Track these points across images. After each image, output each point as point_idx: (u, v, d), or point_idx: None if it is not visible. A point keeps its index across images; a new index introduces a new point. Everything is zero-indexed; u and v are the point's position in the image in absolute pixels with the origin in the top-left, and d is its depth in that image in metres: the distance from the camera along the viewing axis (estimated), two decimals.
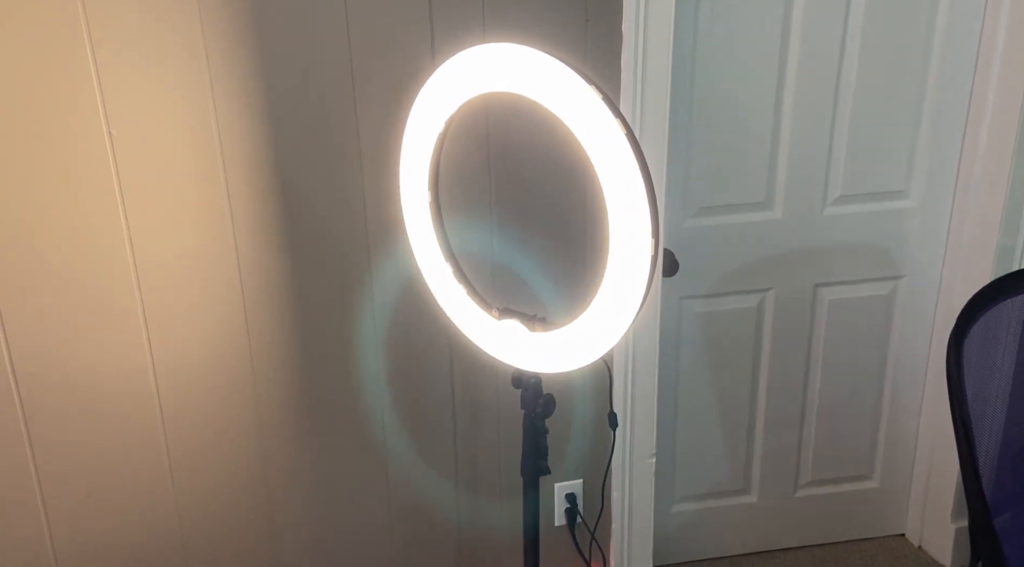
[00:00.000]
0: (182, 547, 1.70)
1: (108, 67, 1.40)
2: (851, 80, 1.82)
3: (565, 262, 1.70)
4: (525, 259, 1.69)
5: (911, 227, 1.98)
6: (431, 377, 1.73)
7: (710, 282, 1.95)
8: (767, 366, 2.05)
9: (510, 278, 1.69)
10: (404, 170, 1.27)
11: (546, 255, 1.70)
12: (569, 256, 1.70)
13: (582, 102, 0.99)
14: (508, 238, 1.67)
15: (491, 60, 1.07)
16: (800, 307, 2.01)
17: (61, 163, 1.43)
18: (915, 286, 2.03)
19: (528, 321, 1.20)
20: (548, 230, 1.69)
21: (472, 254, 1.65)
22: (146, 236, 1.50)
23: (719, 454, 2.12)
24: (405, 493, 1.80)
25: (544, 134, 1.56)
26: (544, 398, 1.28)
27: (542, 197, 1.66)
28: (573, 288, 1.67)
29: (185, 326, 1.57)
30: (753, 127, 1.83)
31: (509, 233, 1.67)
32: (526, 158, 1.62)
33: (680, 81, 1.73)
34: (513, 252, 1.68)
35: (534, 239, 1.69)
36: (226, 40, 1.43)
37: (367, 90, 1.52)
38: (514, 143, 1.61)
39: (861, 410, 2.14)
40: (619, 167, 0.99)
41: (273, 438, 1.69)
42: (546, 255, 1.70)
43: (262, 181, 1.52)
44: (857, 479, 2.22)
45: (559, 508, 1.90)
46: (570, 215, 1.68)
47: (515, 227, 1.67)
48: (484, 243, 1.66)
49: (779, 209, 1.91)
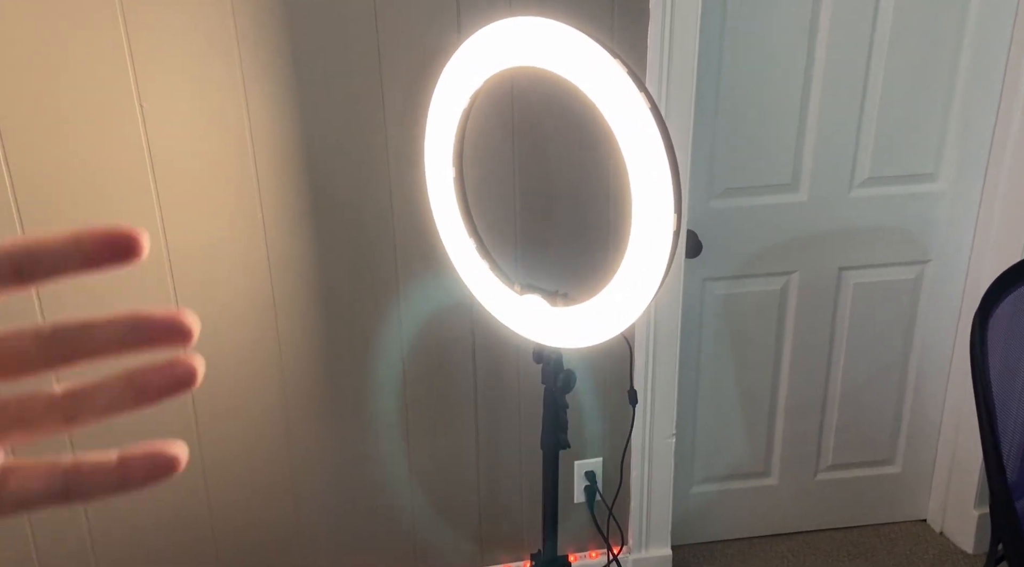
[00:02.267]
0: (209, 514, 1.75)
1: (140, 40, 1.42)
2: (881, 61, 1.80)
3: (587, 238, 1.71)
4: (548, 235, 1.70)
5: (939, 211, 1.95)
6: (453, 353, 1.75)
7: (734, 264, 1.94)
8: (790, 349, 2.05)
9: (533, 254, 1.70)
10: (429, 145, 1.28)
11: (569, 231, 1.70)
12: (592, 232, 1.71)
13: (607, 76, 0.99)
14: (531, 214, 1.68)
15: (516, 34, 1.07)
16: (824, 290, 2.00)
17: (94, 137, 1.46)
18: (942, 271, 2.01)
19: (550, 296, 1.21)
20: (571, 206, 1.69)
21: (496, 230, 1.66)
22: (177, 218, 1.53)
23: (740, 436, 2.12)
24: (426, 468, 1.83)
25: (568, 109, 1.56)
26: (565, 373, 1.29)
27: (566, 173, 1.66)
28: (595, 264, 1.68)
29: (214, 308, 1.60)
30: (780, 108, 1.82)
31: (532, 209, 1.68)
32: (550, 134, 1.62)
33: (707, 60, 1.72)
34: (536, 228, 1.69)
35: (557, 215, 1.69)
36: (255, 18, 1.44)
37: (393, 66, 1.53)
38: (538, 118, 1.61)
39: (884, 395, 2.13)
40: (643, 142, 0.99)
41: (297, 411, 1.72)
42: (569, 231, 1.70)
43: (289, 159, 1.54)
44: (879, 464, 2.21)
45: (578, 485, 1.91)
46: (594, 191, 1.69)
47: (539, 203, 1.68)
48: (508, 219, 1.67)
49: (805, 191, 1.90)
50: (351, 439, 1.77)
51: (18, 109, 1.42)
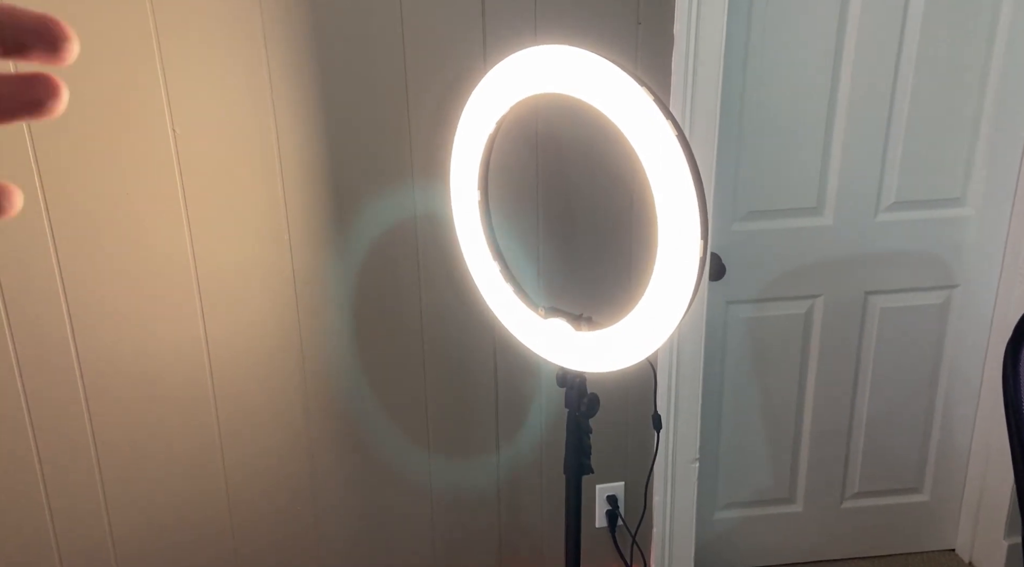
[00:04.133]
0: (228, 514, 1.75)
1: (173, 66, 1.45)
2: (908, 83, 1.79)
3: (610, 263, 1.71)
4: (572, 260, 1.70)
5: (967, 236, 1.93)
6: (475, 374, 1.75)
7: (758, 287, 1.93)
8: (815, 374, 2.02)
9: (556, 278, 1.70)
10: (455, 169, 1.29)
11: (592, 256, 1.70)
12: (615, 258, 1.71)
13: (633, 103, 1.00)
14: (555, 239, 1.68)
15: (542, 62, 1.08)
16: (850, 315, 1.98)
17: (127, 160, 1.49)
18: (970, 296, 1.99)
19: (574, 320, 1.20)
20: (595, 231, 1.69)
21: (519, 254, 1.67)
22: (205, 235, 1.55)
23: (764, 461, 2.09)
24: (446, 489, 1.82)
25: (592, 135, 1.57)
26: (589, 397, 1.28)
27: (589, 198, 1.67)
28: (618, 289, 1.68)
29: (240, 321, 1.62)
30: (805, 131, 1.82)
31: (556, 234, 1.68)
32: (575, 159, 1.63)
33: (731, 84, 1.73)
34: (560, 253, 1.69)
35: (581, 240, 1.69)
36: (285, 44, 1.47)
37: (419, 89, 1.54)
38: (563, 144, 1.62)
39: (912, 422, 2.10)
40: (669, 168, 1.00)
41: (318, 432, 1.72)
42: (592, 256, 1.70)
43: (316, 181, 1.56)
44: (906, 492, 2.17)
45: (600, 509, 1.90)
46: (617, 217, 1.69)
47: (562, 227, 1.68)
48: (531, 243, 1.67)
49: (830, 215, 1.89)
50: (372, 459, 1.77)
51: (54, 140, 1.45)
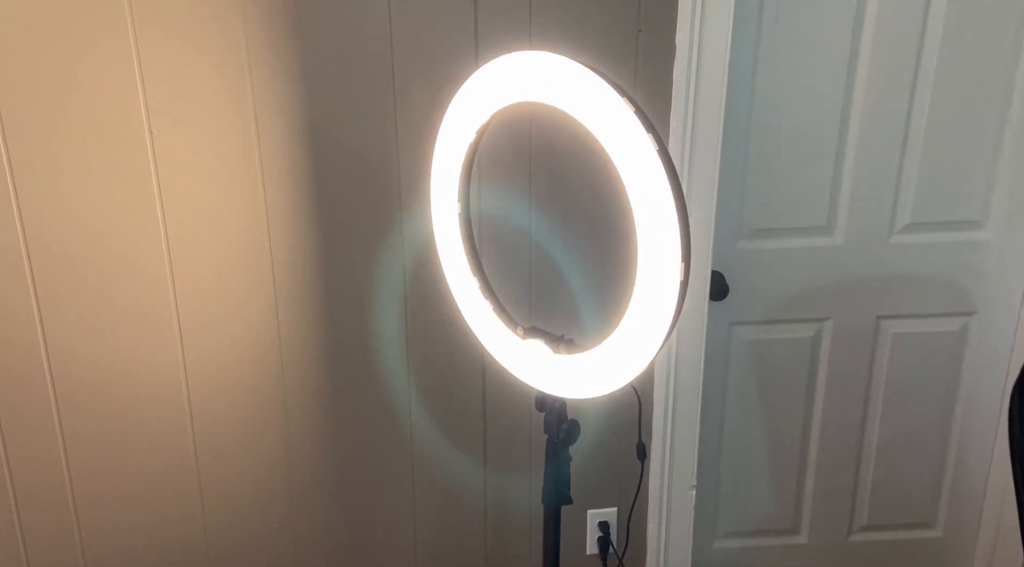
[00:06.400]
0: (203, 534, 1.70)
1: (150, 65, 1.41)
2: (926, 99, 1.71)
3: (605, 282, 1.64)
4: (566, 277, 1.64)
5: (987, 260, 1.84)
6: (463, 397, 1.69)
7: (763, 308, 1.85)
8: (822, 400, 1.93)
9: (550, 296, 1.63)
10: (435, 180, 1.23)
11: (587, 275, 1.64)
12: (609, 276, 1.64)
13: (613, 114, 0.93)
14: (548, 255, 1.62)
15: (520, 69, 1.02)
16: (860, 340, 1.89)
17: (103, 161, 1.45)
18: (989, 324, 1.89)
19: (553, 342, 1.14)
20: (589, 248, 1.62)
21: (512, 269, 1.61)
22: (182, 233, 1.51)
23: (767, 490, 2.01)
24: (431, 514, 1.76)
25: (586, 146, 1.50)
26: (568, 424, 1.21)
27: (586, 214, 1.60)
28: (612, 309, 1.61)
29: (217, 329, 1.57)
30: (816, 147, 1.73)
31: (549, 249, 1.62)
32: (569, 172, 1.56)
33: (738, 96, 1.65)
34: (553, 269, 1.63)
35: (575, 257, 1.63)
36: (268, 44, 1.43)
37: (408, 101, 1.49)
38: (558, 155, 1.55)
39: (925, 453, 2.00)
40: (650, 185, 0.93)
41: (298, 444, 1.67)
42: (587, 275, 1.64)
43: (298, 187, 1.51)
44: (918, 526, 2.07)
45: (591, 536, 1.83)
46: (616, 235, 1.62)
47: (556, 243, 1.62)
48: (523, 258, 1.61)
49: (841, 235, 1.80)
50: (353, 481, 1.71)
51: (27, 142, 1.42)
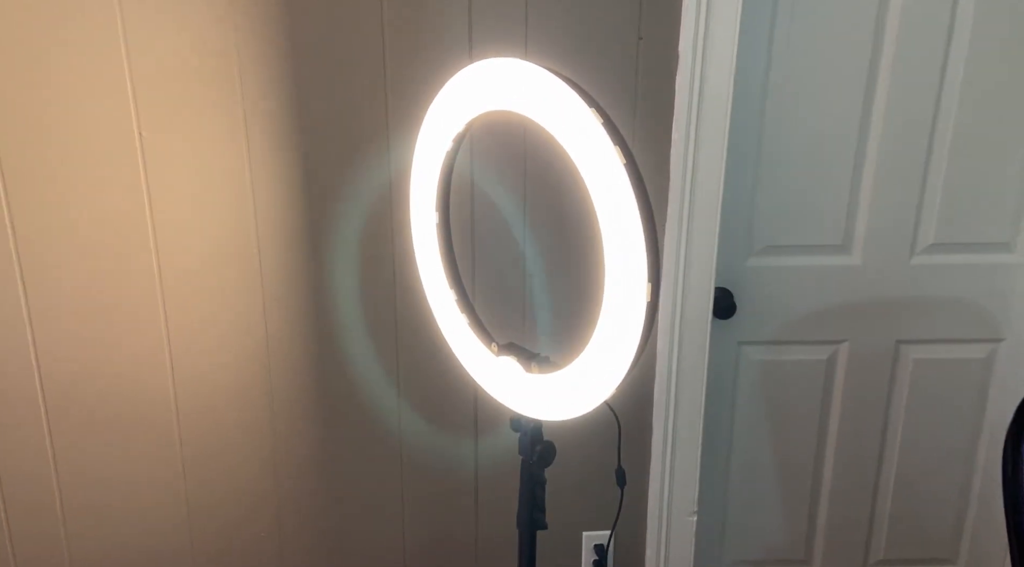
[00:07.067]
0: (189, 541, 1.69)
1: (139, 63, 1.41)
2: (951, 116, 1.62)
3: (595, 298, 1.58)
4: (559, 292, 1.59)
5: (1016, 285, 1.73)
6: (453, 417, 1.65)
7: (774, 328, 1.77)
8: (837, 426, 1.85)
9: (543, 311, 1.58)
10: (413, 189, 1.20)
11: (580, 290, 1.58)
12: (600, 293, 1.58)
13: (578, 124, 0.89)
14: (542, 269, 1.57)
15: (490, 76, 0.98)
16: (879, 364, 1.80)
17: (92, 162, 1.45)
18: (1017, 352, 1.78)
19: (526, 360, 1.09)
20: (583, 261, 1.57)
21: (506, 283, 1.56)
22: (170, 238, 1.50)
23: (777, 518, 1.92)
24: (421, 535, 1.72)
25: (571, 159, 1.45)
26: (543, 445, 1.16)
27: (577, 225, 1.55)
28: None
29: (205, 330, 1.56)
30: (833, 161, 1.65)
31: (543, 262, 1.57)
32: (565, 182, 1.52)
33: (748, 107, 1.59)
34: (546, 284, 1.58)
35: (568, 271, 1.58)
36: (257, 50, 1.41)
37: (400, 108, 1.46)
38: (554, 163, 1.51)
39: (947, 485, 1.90)
40: (617, 201, 0.88)
41: (284, 450, 1.65)
42: (580, 290, 1.58)
43: (288, 187, 1.49)
44: (939, 562, 1.96)
45: (586, 559, 1.77)
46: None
47: (551, 256, 1.57)
48: (518, 272, 1.57)
49: (858, 254, 1.72)
50: (343, 483, 1.69)
51: (17, 144, 1.43)
